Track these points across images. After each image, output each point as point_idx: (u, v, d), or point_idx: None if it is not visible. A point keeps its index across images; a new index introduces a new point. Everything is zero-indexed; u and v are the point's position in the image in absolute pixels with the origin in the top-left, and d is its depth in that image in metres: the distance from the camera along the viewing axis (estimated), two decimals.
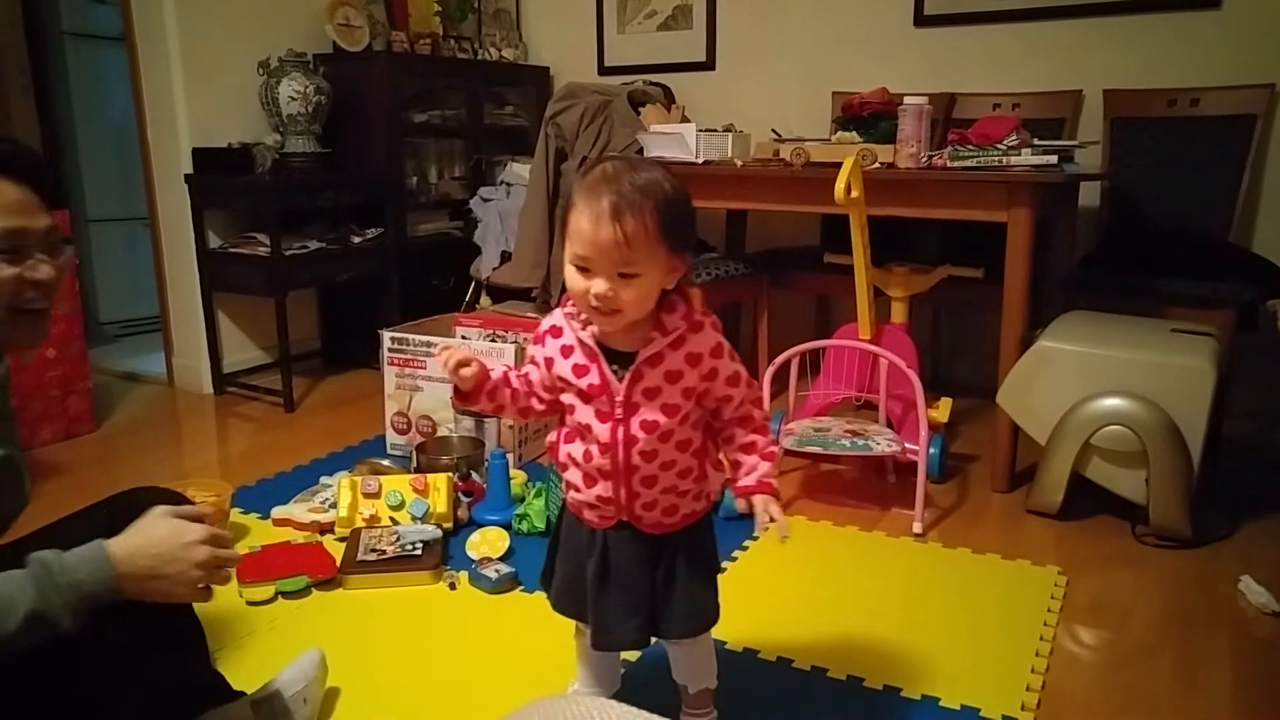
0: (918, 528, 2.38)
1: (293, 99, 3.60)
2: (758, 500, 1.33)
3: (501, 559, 2.14)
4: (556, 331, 1.36)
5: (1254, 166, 3.05)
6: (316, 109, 3.67)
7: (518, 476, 2.56)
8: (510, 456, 2.56)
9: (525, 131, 4.41)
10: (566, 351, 1.33)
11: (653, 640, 1.42)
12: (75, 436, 3.12)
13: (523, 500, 2.40)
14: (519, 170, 3.93)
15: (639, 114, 3.54)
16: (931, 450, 2.59)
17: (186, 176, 3.54)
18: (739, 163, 2.96)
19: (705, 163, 2.97)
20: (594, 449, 1.32)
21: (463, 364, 1.34)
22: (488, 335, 3.07)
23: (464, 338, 3.07)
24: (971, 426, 3.17)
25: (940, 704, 1.66)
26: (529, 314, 3.34)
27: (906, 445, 2.49)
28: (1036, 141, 2.59)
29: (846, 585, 2.12)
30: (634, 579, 1.36)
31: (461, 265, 3.97)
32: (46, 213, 1.30)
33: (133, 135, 3.72)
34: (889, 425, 2.67)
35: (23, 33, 4.21)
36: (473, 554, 2.16)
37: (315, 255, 3.55)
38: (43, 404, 2.99)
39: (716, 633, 1.49)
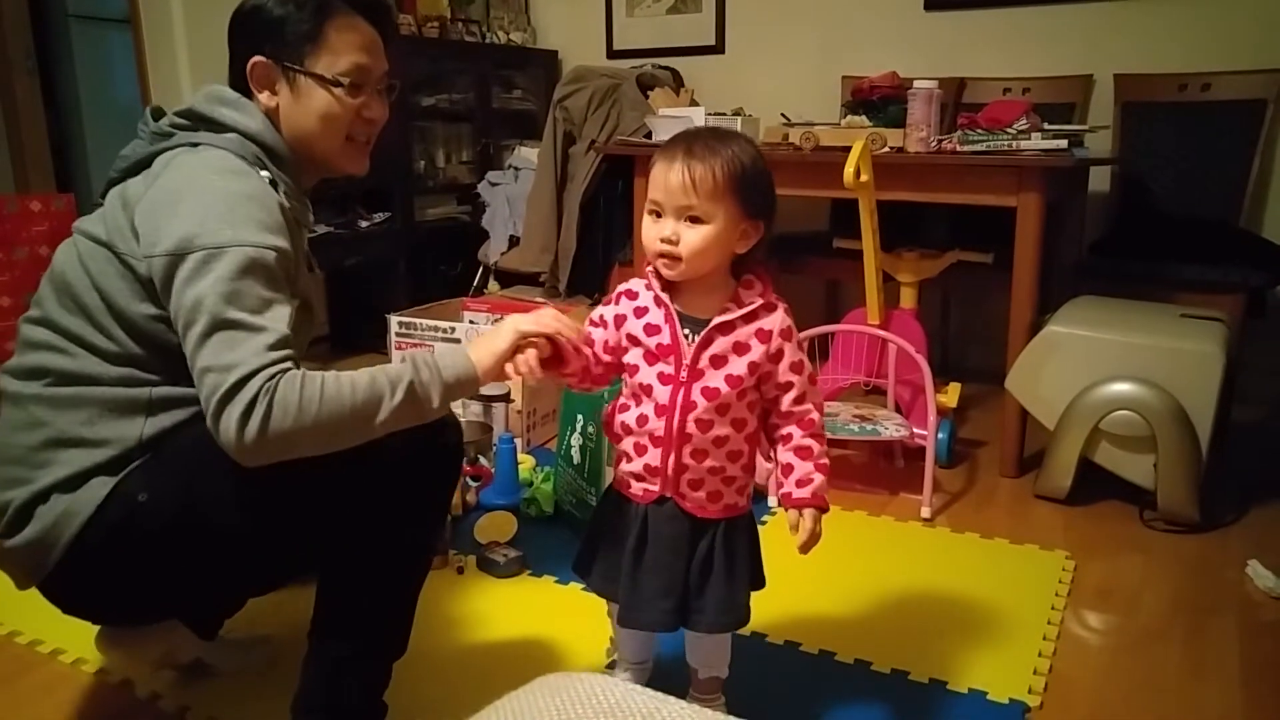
0: (926, 512, 2.38)
1: None
2: (807, 514, 1.33)
3: (509, 543, 2.15)
4: (632, 294, 1.39)
5: (1265, 152, 3.03)
6: None
7: (526, 461, 2.57)
8: (518, 441, 2.57)
9: (533, 115, 4.40)
10: (640, 312, 1.36)
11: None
12: None
13: (531, 485, 2.41)
14: (527, 154, 3.92)
15: (648, 97, 3.53)
16: (940, 435, 2.59)
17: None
18: None
19: None
20: (650, 412, 1.34)
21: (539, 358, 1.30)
22: (495, 320, 3.07)
23: (471, 322, 3.07)
24: (980, 411, 3.17)
25: (948, 687, 1.67)
26: (537, 299, 3.34)
27: (915, 430, 2.49)
28: (1047, 126, 2.58)
29: (854, 569, 2.12)
30: (671, 559, 1.36)
31: (469, 250, 3.97)
32: (385, 57, 1.45)
33: (138, 118, 3.72)
34: (897, 410, 2.67)
35: (28, 15, 4.21)
36: (480, 538, 2.16)
37: (323, 239, 3.54)
38: None
39: None
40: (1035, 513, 2.44)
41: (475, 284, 3.99)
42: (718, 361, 1.32)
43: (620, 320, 1.38)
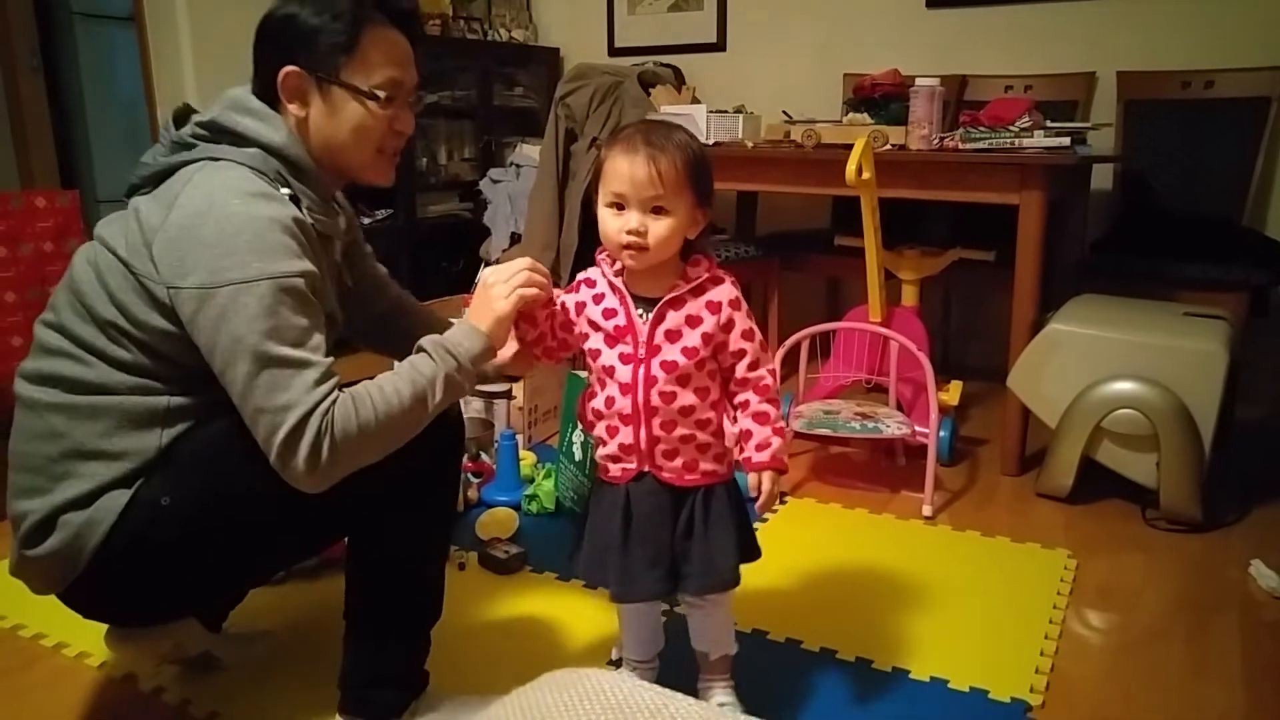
0: (927, 510, 2.38)
1: None
2: (766, 477, 1.37)
3: (511, 539, 2.15)
4: (590, 282, 1.44)
5: (1268, 149, 3.03)
6: None
7: (527, 458, 2.57)
8: (520, 438, 2.57)
9: (535, 113, 4.40)
10: (598, 298, 1.42)
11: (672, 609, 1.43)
12: None
13: (532, 481, 2.41)
14: (529, 152, 3.92)
15: (649, 95, 3.53)
16: (941, 433, 2.59)
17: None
18: (750, 144, 2.95)
19: (716, 144, 2.97)
20: (615, 393, 1.39)
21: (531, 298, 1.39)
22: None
23: None
24: (982, 409, 3.17)
25: (949, 686, 1.67)
26: None
27: (916, 428, 2.49)
28: (1049, 123, 2.58)
29: (856, 567, 2.12)
30: (655, 530, 1.41)
31: (471, 247, 3.97)
32: (415, 68, 1.45)
33: (143, 115, 3.72)
34: (899, 408, 2.67)
35: (32, 12, 4.21)
36: (482, 534, 2.17)
37: None
38: None
39: None
40: (1037, 511, 2.44)
41: (477, 281, 3.99)
42: (672, 336, 1.37)
43: (580, 307, 1.44)
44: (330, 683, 1.45)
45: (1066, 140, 2.48)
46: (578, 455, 2.24)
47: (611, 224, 1.35)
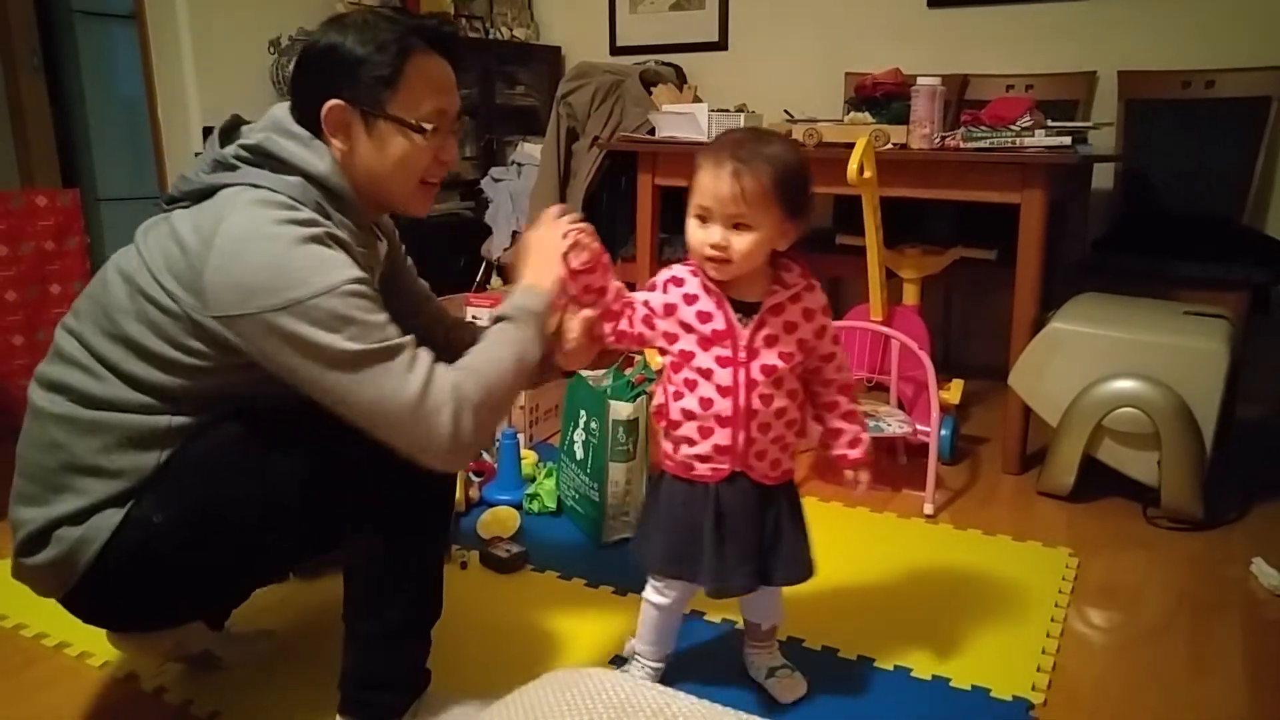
0: (929, 509, 2.38)
1: None
2: (863, 471, 1.53)
3: (512, 538, 2.15)
4: (679, 281, 1.44)
5: (1268, 149, 3.03)
6: None
7: (528, 456, 2.57)
8: (521, 437, 2.57)
9: (537, 111, 4.40)
10: (690, 299, 1.43)
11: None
12: None
13: (533, 480, 2.41)
14: (530, 150, 3.92)
15: (651, 94, 3.53)
16: (943, 432, 2.59)
17: (197, 155, 3.54)
18: None
19: None
20: (713, 394, 1.42)
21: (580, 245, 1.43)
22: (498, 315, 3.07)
23: (474, 318, 3.06)
24: (983, 408, 3.17)
25: (951, 684, 1.67)
26: None
27: (918, 426, 2.49)
28: (1050, 123, 2.57)
29: (857, 566, 2.12)
30: (747, 529, 1.46)
31: (473, 245, 3.97)
32: (457, 93, 1.45)
33: (143, 114, 3.73)
34: (900, 406, 2.67)
35: (33, 11, 4.21)
36: (483, 533, 2.16)
37: None
38: None
39: (725, 615, 1.57)
40: (1038, 509, 2.44)
41: (478, 279, 3.99)
42: (771, 341, 1.41)
43: (670, 309, 1.44)
44: (330, 682, 1.45)
45: (1067, 140, 2.48)
46: (579, 454, 2.24)
47: (696, 235, 1.38)
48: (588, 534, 2.20)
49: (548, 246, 1.42)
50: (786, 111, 3.21)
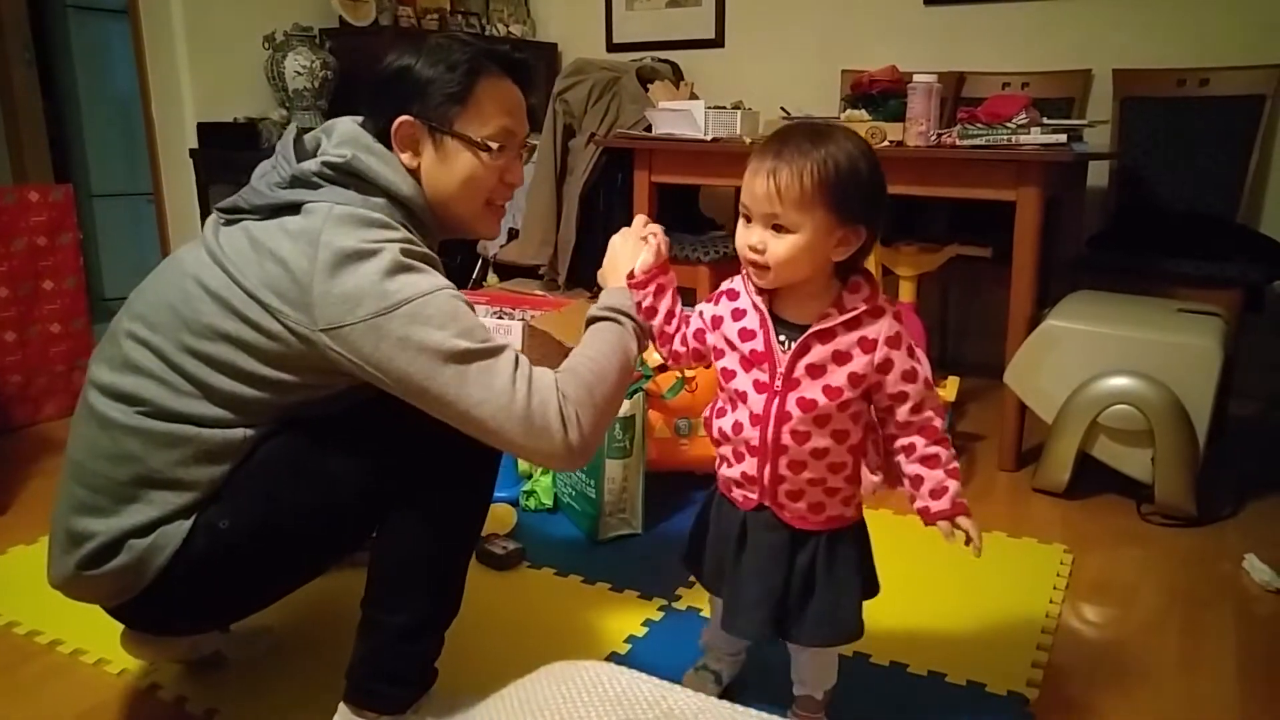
0: None
1: (298, 74, 3.59)
2: (963, 522, 1.27)
3: (509, 535, 2.15)
4: (733, 295, 1.34)
5: (1263, 147, 3.04)
6: (322, 84, 3.66)
7: None
8: None
9: (533, 108, 4.38)
10: (738, 315, 1.31)
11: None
12: None
13: (530, 477, 2.41)
14: None
15: (647, 91, 3.53)
16: None
17: (191, 151, 3.53)
18: (748, 140, 2.95)
19: (714, 140, 2.96)
20: (745, 420, 1.29)
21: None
22: (494, 313, 3.07)
23: None
24: (978, 405, 3.17)
25: (946, 680, 1.67)
26: (536, 291, 3.34)
27: None
28: (1046, 120, 2.58)
29: None
30: (767, 569, 1.32)
31: (468, 242, 3.96)
32: (526, 119, 1.47)
33: (137, 109, 3.72)
34: None
35: (25, 5, 4.19)
36: None
37: None
38: (47, 379, 2.99)
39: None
40: (1033, 506, 2.44)
41: (474, 277, 3.99)
42: (815, 371, 1.24)
43: (717, 321, 1.34)
44: (326, 678, 1.45)
45: (1063, 137, 2.49)
46: None
47: (739, 236, 1.26)
48: (584, 531, 2.20)
49: (632, 250, 1.44)
50: (783, 108, 3.21)
